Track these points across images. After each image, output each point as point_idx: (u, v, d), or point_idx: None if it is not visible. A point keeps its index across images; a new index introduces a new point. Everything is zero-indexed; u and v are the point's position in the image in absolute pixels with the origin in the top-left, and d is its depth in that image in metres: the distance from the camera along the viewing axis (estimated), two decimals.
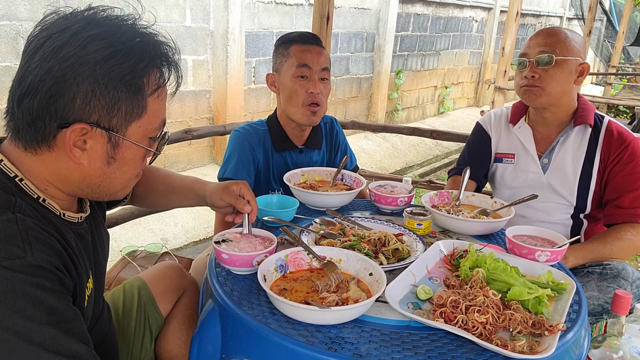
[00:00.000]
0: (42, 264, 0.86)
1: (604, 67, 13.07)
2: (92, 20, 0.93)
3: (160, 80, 1.00)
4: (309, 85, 1.89)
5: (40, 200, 0.98)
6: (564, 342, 1.06)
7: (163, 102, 1.04)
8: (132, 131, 0.98)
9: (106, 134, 0.96)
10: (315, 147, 2.07)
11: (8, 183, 0.94)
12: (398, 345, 1.03)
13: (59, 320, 0.84)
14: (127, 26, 0.96)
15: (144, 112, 0.99)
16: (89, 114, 0.93)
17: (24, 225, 0.88)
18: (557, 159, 1.94)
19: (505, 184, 2.07)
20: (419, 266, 1.32)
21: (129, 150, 1.00)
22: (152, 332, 1.47)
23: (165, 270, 1.59)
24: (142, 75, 0.96)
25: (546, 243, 1.51)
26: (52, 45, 0.90)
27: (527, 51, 1.87)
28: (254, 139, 1.94)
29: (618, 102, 8.21)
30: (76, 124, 0.92)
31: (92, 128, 0.94)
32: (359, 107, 7.41)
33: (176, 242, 3.98)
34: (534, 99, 1.87)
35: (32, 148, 0.96)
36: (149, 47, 0.96)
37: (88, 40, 0.90)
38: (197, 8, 4.77)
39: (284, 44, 1.94)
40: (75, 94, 0.91)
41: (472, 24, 9.61)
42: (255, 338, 1.06)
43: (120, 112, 0.95)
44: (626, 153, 1.84)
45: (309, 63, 1.88)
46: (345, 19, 6.59)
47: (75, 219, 1.05)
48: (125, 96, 0.94)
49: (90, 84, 0.91)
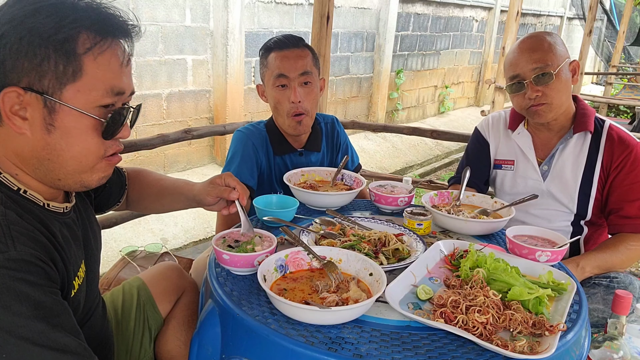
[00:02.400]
0: (26, 257, 0.85)
1: (604, 67, 13.07)
2: None
3: (97, 39, 0.92)
4: (289, 93, 1.85)
5: (20, 192, 0.96)
6: (565, 342, 1.06)
7: (108, 67, 0.95)
8: (69, 95, 0.92)
9: (41, 98, 0.90)
10: (314, 149, 2.05)
11: None
12: (398, 345, 1.03)
13: (46, 314, 0.84)
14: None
15: (80, 74, 0.91)
16: (19, 77, 0.88)
17: (5, 219, 0.87)
18: (557, 167, 1.91)
19: (505, 190, 2.05)
20: (419, 266, 1.32)
21: (68, 117, 0.93)
22: (151, 332, 1.47)
23: (165, 270, 1.59)
24: (70, 31, 0.89)
25: (546, 243, 1.51)
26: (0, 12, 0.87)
27: (519, 71, 1.80)
28: (257, 140, 1.93)
29: (618, 102, 8.21)
30: (7, 88, 0.88)
31: (25, 92, 0.89)
32: (359, 107, 7.40)
33: (176, 242, 3.98)
34: (543, 116, 1.83)
35: None
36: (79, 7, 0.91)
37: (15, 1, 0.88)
38: (197, 8, 4.77)
39: (264, 53, 1.91)
40: (4, 57, 0.87)
41: (473, 24, 9.61)
42: (255, 338, 1.06)
43: (49, 72, 0.89)
44: (629, 160, 1.80)
45: (284, 72, 1.83)
46: (345, 18, 6.59)
47: (60, 209, 1.03)
48: (53, 54, 0.88)
49: (15, 43, 0.86)
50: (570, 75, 1.82)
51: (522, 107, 1.86)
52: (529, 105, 1.82)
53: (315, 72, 1.91)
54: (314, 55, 1.92)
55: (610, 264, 1.76)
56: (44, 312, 0.83)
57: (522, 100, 1.83)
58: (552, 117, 1.84)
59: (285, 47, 1.85)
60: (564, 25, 13.31)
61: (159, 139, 3.04)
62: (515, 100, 1.88)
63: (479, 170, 2.09)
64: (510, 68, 1.84)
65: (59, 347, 0.83)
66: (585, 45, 9.11)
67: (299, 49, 1.86)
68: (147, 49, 4.40)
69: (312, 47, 1.95)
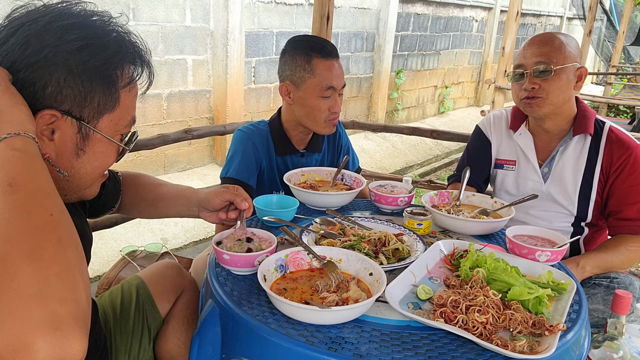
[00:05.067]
0: None
1: (604, 67, 13.07)
2: (66, 11, 0.93)
3: (134, 74, 1.00)
4: (331, 104, 1.87)
5: None
6: (564, 342, 1.06)
7: (134, 99, 1.03)
8: (103, 124, 0.97)
9: (77, 123, 0.94)
10: (316, 151, 2.06)
11: None
12: (398, 345, 1.03)
13: None
14: (103, 21, 0.96)
15: (117, 105, 0.98)
16: (61, 102, 0.92)
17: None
18: (557, 169, 1.91)
19: (505, 190, 2.05)
20: (419, 266, 1.32)
21: (99, 144, 0.99)
22: (150, 331, 1.46)
23: (164, 269, 1.58)
24: (116, 67, 0.96)
25: (546, 243, 1.51)
26: (24, 34, 0.89)
27: (523, 62, 1.83)
28: (258, 140, 1.93)
29: (618, 102, 8.20)
30: (45, 110, 0.90)
31: (63, 116, 0.92)
32: (359, 107, 7.41)
33: (176, 242, 3.98)
34: (536, 110, 1.83)
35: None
36: (124, 43, 0.97)
37: (63, 29, 0.90)
38: (197, 8, 4.77)
39: (301, 54, 1.84)
40: (47, 82, 0.90)
41: (472, 24, 9.61)
42: (255, 338, 1.06)
43: (92, 103, 0.94)
44: (629, 163, 1.80)
45: (335, 84, 1.85)
46: (345, 18, 6.59)
47: None
48: (99, 87, 0.94)
49: (63, 73, 0.90)
50: (573, 79, 1.82)
51: (517, 97, 1.89)
52: (523, 96, 1.84)
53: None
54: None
55: (610, 264, 1.76)
56: None
57: (518, 90, 1.86)
58: (545, 113, 1.84)
59: (329, 56, 1.85)
60: (564, 25, 13.31)
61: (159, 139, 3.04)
62: (514, 90, 1.91)
63: (479, 169, 2.08)
64: (518, 57, 1.87)
65: None
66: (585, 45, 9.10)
67: (338, 58, 1.89)
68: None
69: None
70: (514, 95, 1.92)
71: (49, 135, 0.93)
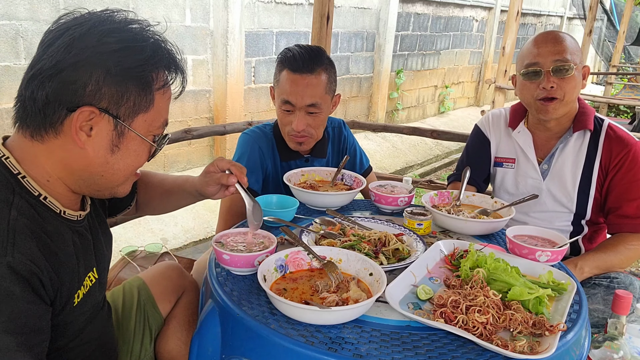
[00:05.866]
0: (18, 268, 0.86)
1: (604, 67, 13.07)
2: (108, 18, 1.00)
3: (168, 79, 1.06)
4: (292, 119, 1.80)
5: (41, 198, 0.99)
6: (565, 342, 1.06)
7: (167, 102, 1.09)
8: (137, 123, 1.03)
9: (113, 120, 0.99)
10: (320, 156, 2.02)
11: (10, 179, 0.96)
12: (398, 345, 1.03)
13: (17, 330, 0.84)
14: (142, 27, 1.02)
15: (151, 106, 1.03)
16: (99, 100, 0.97)
17: (15, 225, 0.89)
18: (556, 166, 1.91)
19: (505, 188, 2.05)
20: (419, 266, 1.32)
21: (133, 142, 1.04)
22: (151, 332, 1.47)
23: (165, 270, 1.59)
24: (152, 70, 1.01)
25: (547, 243, 1.51)
26: (69, 37, 0.95)
27: (539, 60, 1.77)
28: (264, 144, 1.91)
29: (619, 102, 8.20)
30: (85, 106, 0.95)
31: (100, 113, 0.97)
32: (359, 107, 7.40)
33: (176, 242, 3.98)
34: (552, 113, 1.81)
35: (39, 135, 0.98)
36: (160, 48, 1.03)
37: (104, 33, 0.96)
38: (197, 7, 4.77)
39: (279, 64, 1.82)
40: (87, 80, 0.95)
41: (473, 24, 9.61)
42: (255, 338, 1.06)
43: (128, 102, 0.99)
44: (627, 159, 1.80)
45: (292, 100, 1.77)
46: (345, 18, 6.59)
47: (74, 216, 1.06)
48: (135, 88, 0.99)
49: (102, 72, 0.95)
50: (582, 78, 1.82)
51: (533, 97, 1.82)
52: (540, 96, 1.79)
53: (327, 98, 1.82)
54: (330, 77, 1.83)
55: (609, 264, 1.76)
56: (14, 327, 0.84)
57: (535, 89, 1.80)
58: (559, 115, 1.83)
59: (298, 71, 1.75)
60: (564, 25, 13.31)
61: None
62: (527, 89, 1.84)
63: (479, 168, 2.08)
64: (530, 56, 1.81)
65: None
66: (585, 45, 9.11)
67: (312, 75, 1.76)
68: None
69: (330, 67, 1.83)
70: (527, 95, 1.85)
71: (87, 130, 0.98)
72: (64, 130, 0.97)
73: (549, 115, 1.82)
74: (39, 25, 3.65)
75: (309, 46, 1.83)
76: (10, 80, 3.59)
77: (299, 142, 1.87)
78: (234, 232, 1.37)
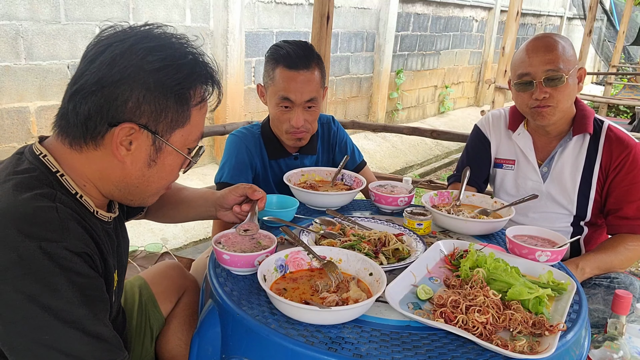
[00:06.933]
0: (78, 249, 0.92)
1: (604, 67, 13.07)
2: (148, 34, 1.02)
3: (205, 94, 1.08)
4: (291, 116, 1.81)
5: (77, 196, 1.03)
6: (565, 342, 1.06)
7: (204, 116, 1.12)
8: (174, 138, 1.06)
9: (151, 136, 1.02)
10: (310, 153, 2.03)
11: (50, 177, 1.00)
12: (398, 345, 1.03)
13: (88, 302, 0.91)
14: (180, 44, 1.04)
15: (187, 121, 1.06)
16: (139, 116, 1.00)
17: (63, 213, 0.94)
18: (556, 169, 1.91)
19: (505, 190, 2.05)
20: (419, 266, 1.32)
21: (169, 157, 1.07)
22: (152, 331, 1.47)
23: (167, 269, 1.59)
24: (190, 87, 1.04)
25: (546, 243, 1.51)
26: (112, 53, 0.98)
27: (530, 70, 1.76)
28: (252, 143, 1.91)
29: (618, 102, 8.21)
30: (126, 122, 0.99)
31: (140, 129, 1.00)
32: (359, 107, 7.40)
33: (176, 242, 3.98)
34: (546, 118, 1.80)
35: (77, 145, 1.02)
36: (198, 65, 1.05)
37: (146, 51, 0.98)
38: (197, 8, 4.77)
39: (270, 61, 1.81)
40: (128, 97, 0.98)
41: (473, 24, 9.61)
42: (255, 338, 1.06)
43: (167, 118, 1.02)
44: (627, 161, 1.80)
45: (291, 97, 1.77)
46: (345, 18, 6.59)
47: (106, 217, 1.10)
48: (173, 105, 1.02)
49: (143, 90, 0.98)
50: (577, 82, 1.81)
51: (526, 106, 1.83)
52: (534, 105, 1.80)
53: (321, 91, 1.85)
54: (322, 71, 1.85)
55: (610, 264, 1.76)
56: (87, 300, 0.91)
57: (527, 99, 1.81)
58: (554, 120, 1.83)
59: (294, 67, 1.76)
60: (564, 25, 13.31)
61: None
62: (520, 98, 1.84)
63: (479, 169, 2.08)
64: (521, 65, 1.80)
65: (97, 335, 0.91)
66: (585, 45, 9.11)
67: (308, 71, 1.77)
68: None
69: (320, 60, 1.86)
70: (520, 104, 1.86)
71: (127, 145, 1.01)
72: (104, 144, 1.01)
73: (545, 121, 1.82)
74: (39, 25, 3.66)
75: (298, 41, 1.85)
76: (10, 80, 3.59)
77: (298, 138, 1.87)
78: (234, 232, 1.37)
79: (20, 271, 0.85)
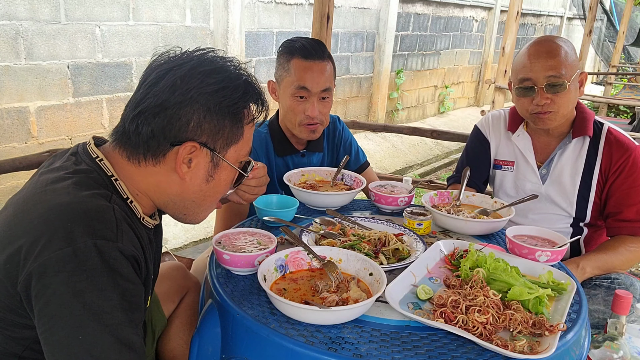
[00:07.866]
0: (128, 253, 0.95)
1: (604, 67, 13.06)
2: (204, 58, 1.09)
3: (256, 112, 1.15)
4: (307, 106, 1.83)
5: (128, 201, 1.06)
6: (565, 342, 1.06)
7: (252, 131, 1.19)
8: (230, 154, 1.12)
9: (210, 153, 1.09)
10: (316, 150, 2.04)
11: (105, 180, 1.05)
12: (398, 345, 1.03)
13: (128, 308, 0.92)
14: (234, 67, 1.11)
15: (241, 138, 1.13)
16: (200, 135, 1.06)
17: (118, 214, 0.98)
18: (555, 171, 1.90)
19: (504, 191, 2.04)
20: (419, 266, 1.32)
21: (225, 172, 1.13)
22: (154, 332, 1.47)
23: (169, 270, 1.60)
24: (244, 107, 1.11)
25: (546, 243, 1.51)
26: (172, 77, 1.04)
27: (531, 76, 1.75)
28: (257, 142, 1.91)
29: (618, 102, 8.20)
30: (188, 142, 1.05)
31: (200, 147, 1.06)
32: (359, 107, 7.40)
33: (176, 242, 3.98)
34: (547, 124, 1.80)
35: (136, 159, 1.07)
36: (250, 85, 1.12)
37: (204, 74, 1.05)
38: (197, 8, 4.77)
39: (285, 54, 1.86)
40: (190, 118, 1.04)
41: (473, 24, 9.61)
42: (255, 338, 1.06)
43: (223, 136, 1.09)
44: (627, 164, 1.79)
45: (308, 86, 1.81)
46: (345, 18, 6.59)
47: (150, 224, 1.13)
48: (229, 123, 1.09)
49: (203, 111, 1.05)
50: (578, 87, 1.80)
51: (527, 111, 1.82)
52: (535, 110, 1.79)
53: (334, 84, 1.91)
54: (334, 65, 1.90)
55: (610, 264, 1.76)
56: (128, 305, 0.92)
57: (528, 104, 1.79)
58: (556, 124, 1.83)
59: (310, 57, 1.81)
60: (564, 25, 13.31)
61: None
62: (521, 103, 1.83)
63: (478, 170, 2.07)
64: (523, 70, 1.78)
65: (128, 344, 0.91)
66: (585, 45, 9.11)
67: (323, 61, 1.84)
68: (147, 49, 4.40)
69: (331, 57, 1.91)
70: (521, 109, 1.86)
71: (187, 163, 1.07)
72: (165, 161, 1.06)
73: (546, 125, 1.83)
74: (39, 25, 3.65)
75: (310, 37, 1.90)
76: (11, 80, 3.59)
77: (312, 130, 1.89)
78: (234, 232, 1.37)
79: (72, 266, 0.87)
